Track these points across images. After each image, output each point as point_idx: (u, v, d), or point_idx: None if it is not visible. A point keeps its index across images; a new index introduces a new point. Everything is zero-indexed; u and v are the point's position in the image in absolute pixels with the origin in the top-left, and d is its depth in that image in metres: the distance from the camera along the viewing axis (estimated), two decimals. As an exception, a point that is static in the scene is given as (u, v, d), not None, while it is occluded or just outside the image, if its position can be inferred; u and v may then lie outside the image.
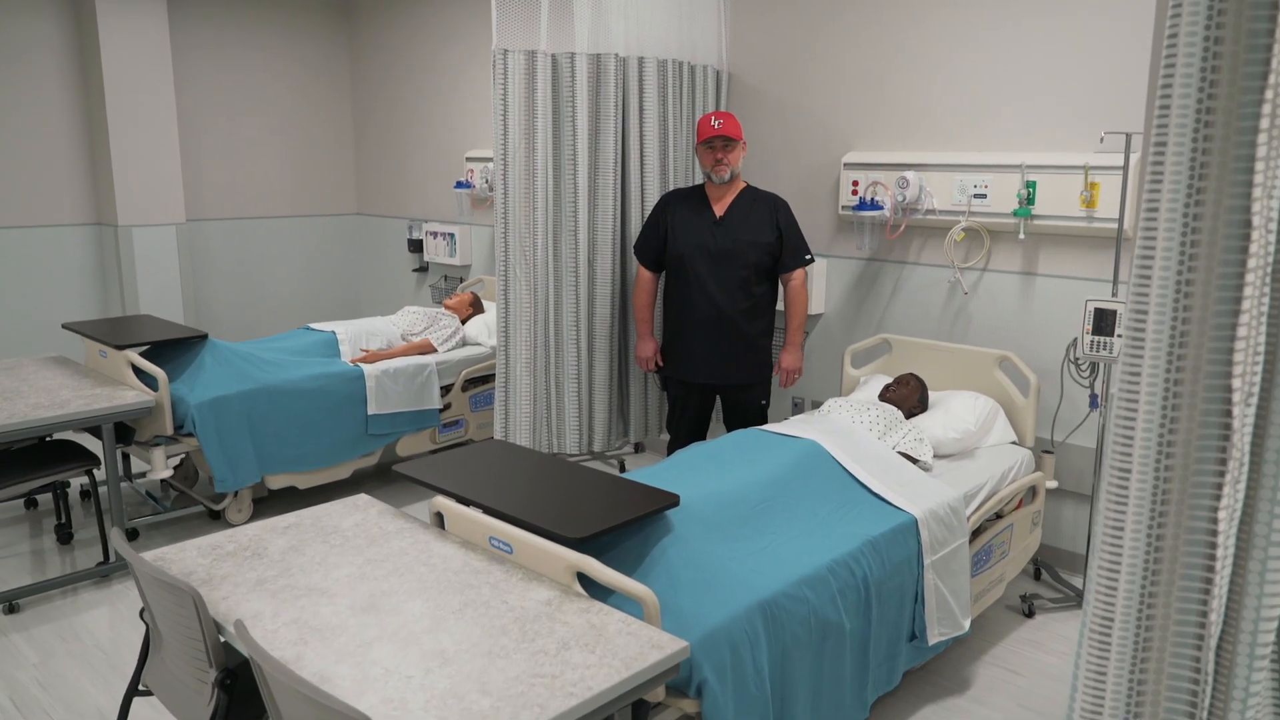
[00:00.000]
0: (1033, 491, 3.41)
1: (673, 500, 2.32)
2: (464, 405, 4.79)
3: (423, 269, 6.44)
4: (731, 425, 3.90)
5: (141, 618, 2.17)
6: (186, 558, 2.20)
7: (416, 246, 6.38)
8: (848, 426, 3.20)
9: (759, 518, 2.61)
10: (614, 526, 2.17)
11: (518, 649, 1.79)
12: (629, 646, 1.80)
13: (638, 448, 5.08)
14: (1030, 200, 3.58)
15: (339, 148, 6.85)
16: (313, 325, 4.78)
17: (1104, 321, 3.21)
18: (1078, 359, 3.34)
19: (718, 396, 3.91)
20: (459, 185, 5.77)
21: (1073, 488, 3.71)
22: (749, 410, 3.83)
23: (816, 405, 4.40)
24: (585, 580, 2.06)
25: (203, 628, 1.84)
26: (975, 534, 3.09)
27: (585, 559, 2.04)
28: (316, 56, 6.63)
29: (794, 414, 4.54)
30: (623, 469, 4.93)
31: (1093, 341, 3.22)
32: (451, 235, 5.98)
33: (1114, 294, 3.32)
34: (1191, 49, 1.27)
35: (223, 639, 1.91)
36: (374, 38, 6.54)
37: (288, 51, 6.48)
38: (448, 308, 5.17)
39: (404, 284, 6.64)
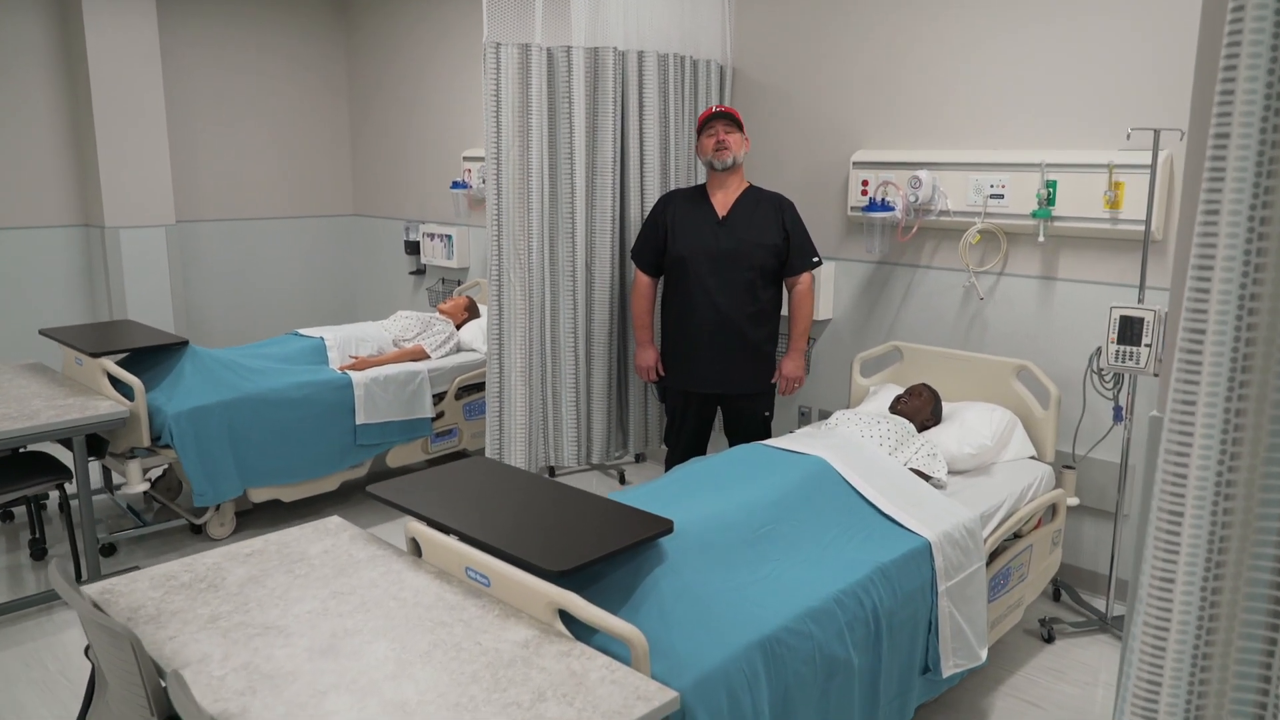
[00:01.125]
0: (1053, 510, 3.22)
1: (666, 527, 2.14)
2: (458, 414, 4.62)
3: (420, 271, 6.27)
4: (733, 437, 3.72)
5: (87, 655, 2.00)
6: (137, 590, 2.03)
7: (414, 248, 6.21)
8: (856, 441, 3.01)
9: (761, 543, 2.42)
10: (600, 558, 1.99)
11: (488, 700, 1.61)
12: (612, 697, 1.62)
13: (639, 458, 4.90)
14: (1050, 201, 3.39)
15: (335, 147, 6.69)
16: (301, 331, 4.61)
17: (1130, 330, 3.01)
18: (1102, 370, 3.15)
19: (719, 407, 3.72)
20: (455, 185, 5.60)
21: (1094, 504, 3.51)
22: (752, 422, 3.64)
23: (824, 415, 4.21)
24: (568, 617, 1.88)
25: (142, 674, 1.67)
26: (992, 556, 2.89)
27: (567, 595, 1.86)
28: (312, 54, 6.47)
29: (800, 424, 4.35)
30: (623, 480, 4.75)
31: (1118, 351, 3.02)
32: (449, 237, 5.81)
33: (1140, 300, 3.12)
34: (1260, 24, 1.08)
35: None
36: (371, 33, 6.38)
37: (282, 49, 6.33)
38: (442, 312, 5.00)
39: (401, 287, 6.48)
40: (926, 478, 3.00)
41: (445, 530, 2.17)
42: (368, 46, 6.43)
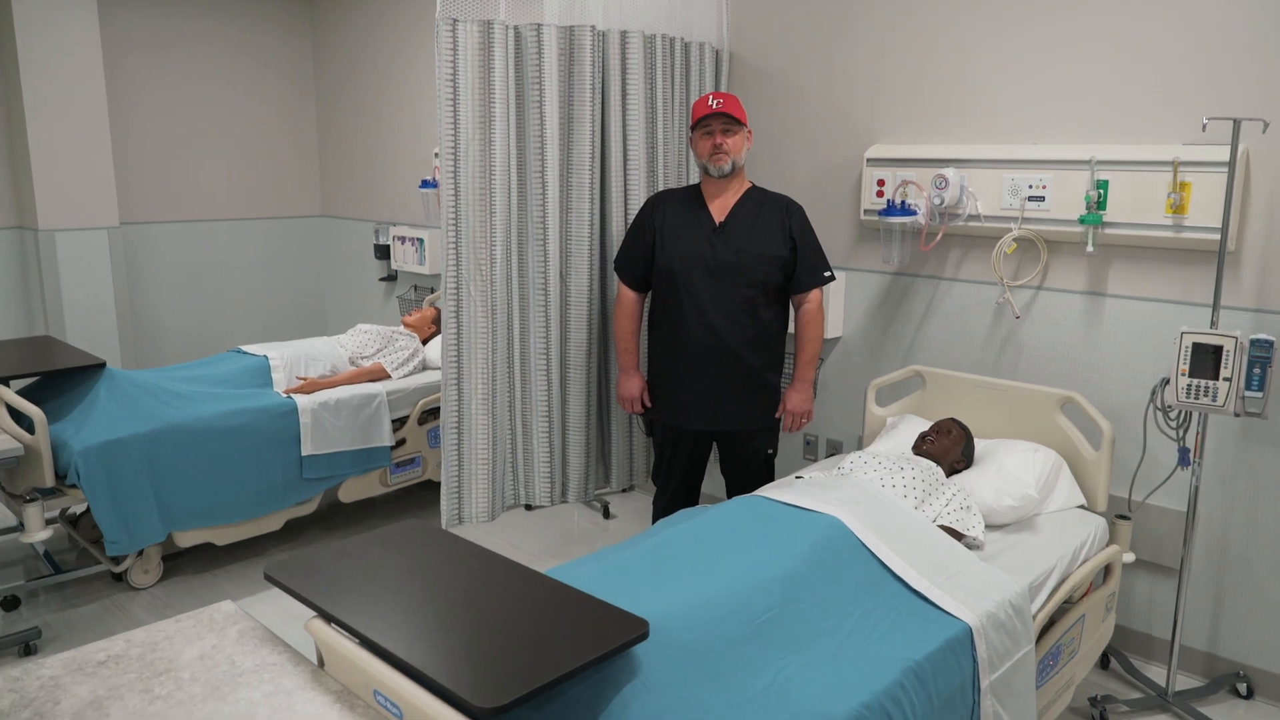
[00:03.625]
0: (1105, 569, 2.73)
1: (638, 631, 1.64)
2: (421, 441, 4.12)
3: (390, 278, 5.77)
4: (730, 478, 3.22)
5: None
6: (-66, 724, 1.53)
7: (384, 252, 5.70)
8: (876, 493, 2.51)
9: (762, 637, 1.92)
10: (548, 685, 1.49)
11: None
12: None
13: (627, 487, 4.40)
14: (1101, 204, 2.89)
15: (300, 142, 6.18)
16: (245, 348, 4.11)
17: (1204, 360, 2.52)
18: (1168, 406, 2.65)
19: (714, 442, 3.22)
20: (425, 184, 5.09)
21: (1149, 557, 3.01)
22: (752, 461, 3.15)
23: (832, 447, 3.71)
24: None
25: None
26: (1040, 633, 2.40)
27: (500, 747, 1.36)
28: (275, 44, 5.96)
29: (805, 456, 3.85)
30: (607, 513, 4.27)
31: (1190, 385, 2.53)
32: (421, 240, 5.30)
33: (1214, 323, 2.63)
34: None
35: None
36: (339, 22, 5.87)
37: (241, 39, 5.82)
38: (407, 326, 4.51)
39: (371, 295, 5.97)
40: (959, 536, 2.51)
41: (355, 633, 1.68)
42: (335, 35, 5.92)
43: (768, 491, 2.52)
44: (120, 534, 3.22)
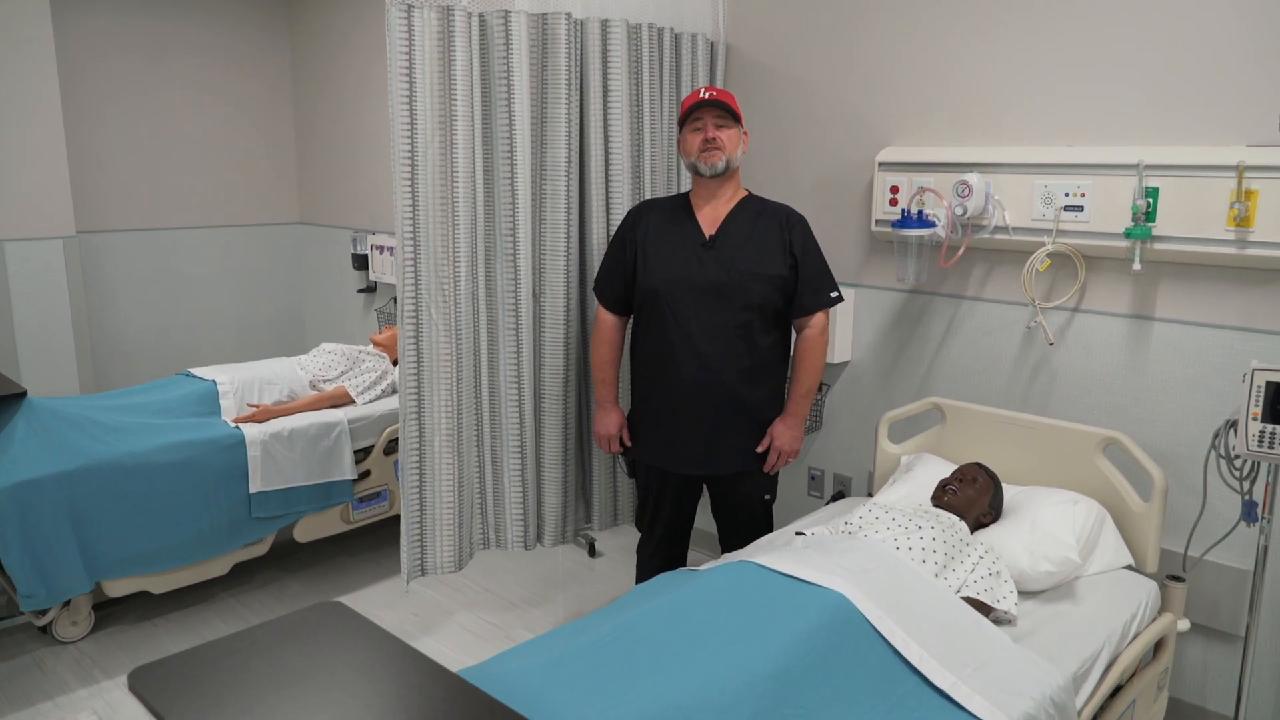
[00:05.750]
0: (1158, 643, 2.34)
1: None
2: (387, 473, 3.75)
3: (370, 289, 5.41)
4: (723, 522, 2.84)
5: None
6: None
7: (361, 262, 5.34)
8: (890, 559, 2.12)
9: (750, 757, 1.55)
10: None
11: None
12: None
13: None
14: (1150, 215, 2.50)
15: (276, 145, 5.82)
16: (194, 371, 3.75)
17: (1280, 402, 2.13)
18: (1235, 455, 2.25)
19: (705, 484, 2.85)
20: (402, 191, 4.72)
21: (1204, 620, 2.62)
22: (747, 507, 2.77)
23: (840, 483, 3.33)
24: None
25: None
26: (1086, 727, 2.02)
27: None
28: (250, 44, 5.60)
29: (810, 491, 3.47)
30: (592, 551, 3.89)
31: (1263, 432, 2.14)
32: (399, 250, 4.93)
33: (1288, 356, 2.24)
34: None
35: None
36: (317, 21, 5.51)
37: (214, 39, 5.46)
38: (376, 345, 4.15)
39: (350, 306, 5.61)
40: (987, 609, 2.12)
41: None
42: (314, 35, 5.56)
43: (763, 555, 2.13)
44: (35, 586, 2.86)
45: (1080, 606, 2.22)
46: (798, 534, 2.42)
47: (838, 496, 3.35)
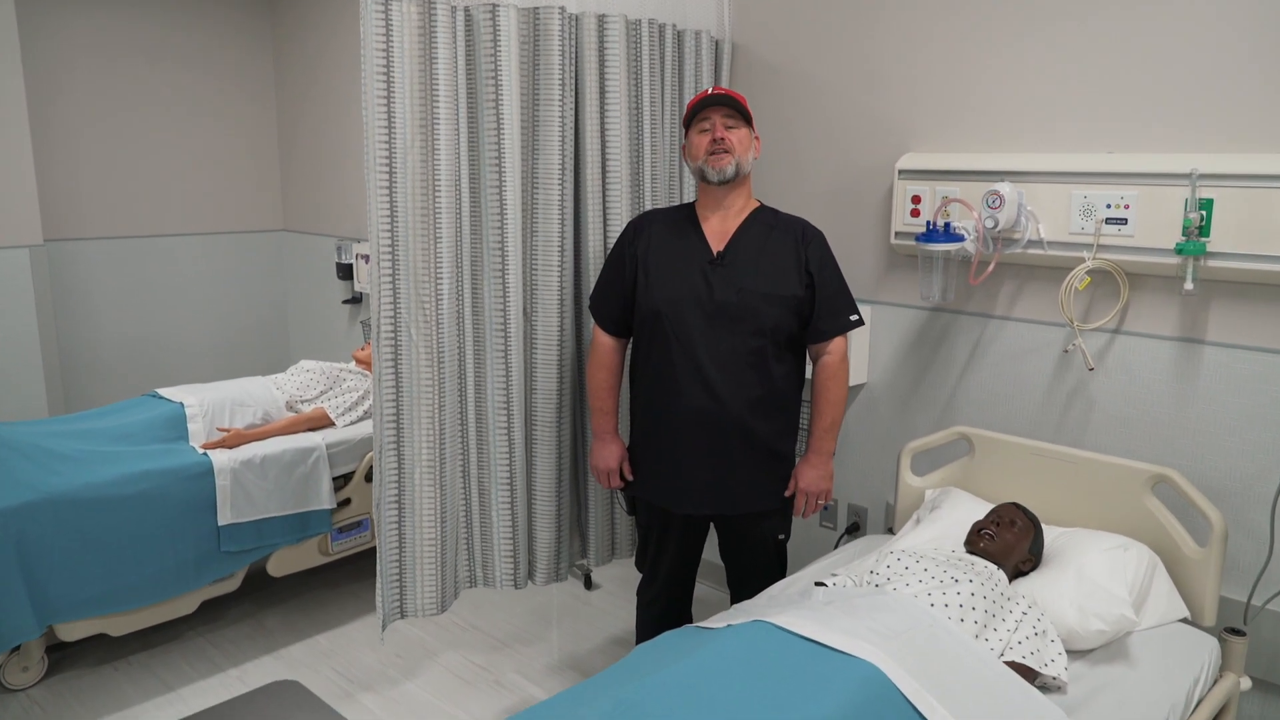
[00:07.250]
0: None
1: None
2: (369, 500, 3.50)
3: (355, 300, 5.16)
4: (732, 565, 2.60)
5: None
6: None
7: (346, 272, 5.10)
8: (925, 619, 1.88)
9: None
10: None
11: None
12: None
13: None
14: (1203, 229, 2.27)
15: (259, 150, 5.57)
16: (162, 391, 3.50)
17: (1361, 440, 1.89)
18: (1309, 499, 2.02)
19: (712, 524, 2.60)
20: (388, 198, 4.48)
21: (1262, 674, 2.38)
22: (759, 549, 2.52)
23: (855, 514, 3.09)
24: None
25: None
26: (1147, 811, 1.78)
27: None
28: (231, 48, 5.35)
29: (822, 523, 3.23)
30: (589, 584, 3.66)
31: (1343, 475, 1.90)
32: (385, 260, 4.69)
33: (1366, 389, 2.00)
34: None
35: None
36: (301, 24, 5.26)
37: (193, 42, 5.21)
38: (358, 362, 3.90)
39: (335, 319, 5.36)
40: (1033, 674, 1.88)
41: None
42: (297, 37, 5.32)
43: (781, 613, 1.89)
44: (-23, 633, 2.62)
45: (1136, 669, 1.99)
46: (818, 584, 2.18)
47: (853, 529, 3.11)
